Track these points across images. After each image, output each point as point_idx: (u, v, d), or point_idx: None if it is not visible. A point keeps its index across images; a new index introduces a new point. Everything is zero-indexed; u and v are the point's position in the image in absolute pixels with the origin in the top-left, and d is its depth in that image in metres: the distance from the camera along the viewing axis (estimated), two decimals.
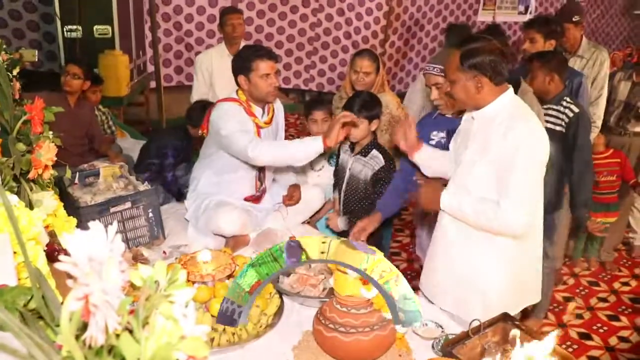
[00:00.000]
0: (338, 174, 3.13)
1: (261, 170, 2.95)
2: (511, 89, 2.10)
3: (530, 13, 8.77)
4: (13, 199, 1.26)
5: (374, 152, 2.91)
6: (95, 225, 0.64)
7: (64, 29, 5.34)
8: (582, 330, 3.54)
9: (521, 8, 8.82)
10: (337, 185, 3.15)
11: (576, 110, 3.00)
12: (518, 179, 1.95)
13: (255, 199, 3.00)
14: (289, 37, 7.70)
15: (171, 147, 3.48)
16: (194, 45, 7.17)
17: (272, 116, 2.94)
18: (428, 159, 2.48)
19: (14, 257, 1.09)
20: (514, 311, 2.26)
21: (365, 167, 2.92)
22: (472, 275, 2.19)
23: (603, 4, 10.27)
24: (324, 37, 7.71)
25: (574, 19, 3.62)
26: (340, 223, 3.00)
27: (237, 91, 2.85)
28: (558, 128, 3.00)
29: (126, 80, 5.34)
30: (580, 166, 3.05)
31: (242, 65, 2.77)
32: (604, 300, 3.91)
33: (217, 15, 5.63)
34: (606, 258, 4.35)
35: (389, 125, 3.27)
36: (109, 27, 5.44)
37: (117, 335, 0.56)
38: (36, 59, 3.86)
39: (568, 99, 3.05)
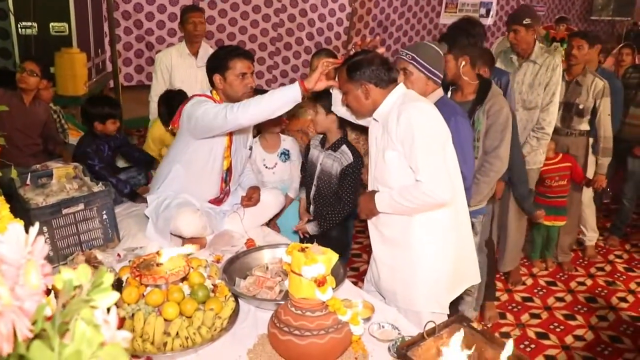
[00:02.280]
0: (308, 170, 3.12)
1: (228, 170, 2.90)
2: (400, 86, 2.28)
3: (492, 16, 8.90)
4: None
5: (344, 147, 2.98)
6: (13, 226, 0.60)
7: (18, 26, 5.19)
8: (540, 329, 3.59)
9: (482, 11, 8.94)
10: (306, 181, 3.13)
11: None
12: (422, 153, 2.12)
13: (218, 201, 2.95)
14: (251, 37, 7.64)
15: (89, 156, 3.34)
16: (154, 44, 7.06)
17: None
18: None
19: None
20: (457, 291, 2.44)
21: (335, 161, 2.97)
22: (412, 265, 2.31)
23: (563, 9, 10.51)
24: (286, 38, 7.68)
25: (524, 22, 3.57)
26: (310, 228, 2.99)
27: (211, 91, 2.78)
28: None
29: (83, 79, 5.21)
30: (516, 164, 3.21)
31: (218, 64, 2.71)
32: (561, 299, 3.97)
33: (178, 14, 5.54)
34: (563, 259, 4.42)
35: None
36: (66, 24, 5.30)
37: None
38: None
39: None
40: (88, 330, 0.52)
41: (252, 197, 2.93)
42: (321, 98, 2.87)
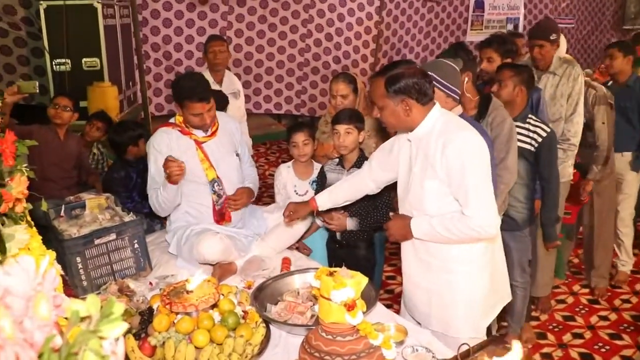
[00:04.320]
0: None
1: (214, 181, 2.89)
2: (437, 105, 2.17)
3: (520, 32, 8.81)
4: None
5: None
6: (22, 259, 0.60)
7: (53, 63, 5.34)
8: (584, 350, 3.47)
9: (510, 27, 8.86)
10: None
11: (548, 130, 3.04)
12: (472, 186, 2.03)
13: (222, 218, 2.92)
14: (278, 63, 7.71)
15: (116, 183, 3.48)
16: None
17: (216, 129, 2.94)
18: (331, 202, 2.61)
19: None
20: (494, 313, 2.37)
21: None
22: (449, 289, 2.24)
23: (593, 20, 10.37)
24: (313, 63, 7.73)
25: (551, 37, 3.52)
26: (350, 223, 2.95)
27: (175, 116, 2.92)
28: (527, 147, 3.02)
29: (115, 111, 5.31)
30: (551, 184, 3.14)
31: (176, 97, 2.81)
32: (605, 318, 3.83)
33: None
34: (597, 284, 4.13)
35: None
36: (97, 59, 5.43)
37: None
38: (37, 91, 3.77)
39: (534, 118, 3.09)
40: None
41: (237, 198, 2.92)
42: (349, 120, 2.89)
